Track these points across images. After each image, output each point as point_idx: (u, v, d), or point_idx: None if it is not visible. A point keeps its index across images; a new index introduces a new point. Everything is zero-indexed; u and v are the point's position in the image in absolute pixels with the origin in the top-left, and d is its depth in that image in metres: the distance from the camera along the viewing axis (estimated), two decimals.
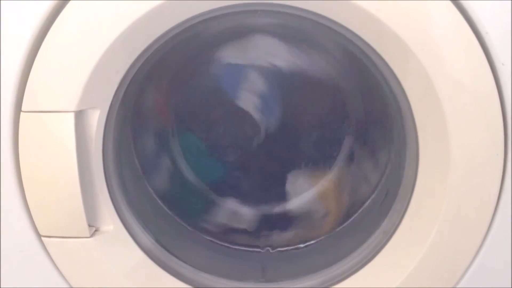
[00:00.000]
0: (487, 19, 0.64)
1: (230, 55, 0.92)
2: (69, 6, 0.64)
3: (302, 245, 0.90)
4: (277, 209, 0.96)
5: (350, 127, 0.95)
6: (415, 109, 0.67)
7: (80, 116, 0.66)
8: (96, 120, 0.68)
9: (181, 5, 0.64)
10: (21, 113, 0.66)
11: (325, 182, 0.95)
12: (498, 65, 0.65)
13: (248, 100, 0.93)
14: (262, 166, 0.97)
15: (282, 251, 0.91)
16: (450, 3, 0.63)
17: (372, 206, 0.88)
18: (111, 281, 0.72)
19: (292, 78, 0.92)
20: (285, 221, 0.96)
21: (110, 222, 0.72)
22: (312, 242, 0.90)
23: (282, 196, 0.97)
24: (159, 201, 0.91)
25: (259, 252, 0.91)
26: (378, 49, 0.66)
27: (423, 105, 0.66)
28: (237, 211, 0.96)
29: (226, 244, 0.91)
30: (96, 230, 0.72)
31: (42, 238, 0.71)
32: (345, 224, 0.90)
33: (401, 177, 0.76)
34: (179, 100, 0.94)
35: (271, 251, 0.90)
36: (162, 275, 0.75)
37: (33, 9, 0.65)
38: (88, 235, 0.70)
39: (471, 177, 0.67)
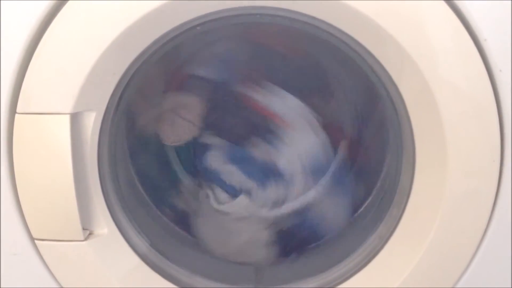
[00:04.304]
0: (486, 26, 0.64)
1: (228, 57, 0.91)
2: (65, 8, 0.63)
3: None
4: (272, 213, 0.96)
5: (346, 131, 0.96)
6: (412, 114, 0.67)
7: (75, 118, 0.65)
8: (92, 122, 0.67)
9: (179, 8, 0.64)
10: (16, 114, 0.65)
11: (320, 186, 0.95)
12: (495, 71, 0.65)
13: (246, 103, 0.93)
14: (257, 170, 0.96)
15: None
16: (449, 9, 0.63)
17: (368, 211, 0.88)
18: (105, 285, 0.72)
19: (289, 82, 0.92)
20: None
21: (105, 225, 0.72)
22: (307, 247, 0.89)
23: (278, 201, 0.97)
24: (153, 206, 0.91)
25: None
26: (376, 54, 0.66)
27: (420, 111, 0.67)
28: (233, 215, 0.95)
29: None
30: (90, 234, 0.71)
31: (35, 241, 0.70)
32: (341, 228, 0.90)
33: (397, 182, 0.76)
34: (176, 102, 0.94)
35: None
36: (157, 279, 0.75)
37: (29, 10, 0.64)
38: (82, 239, 0.69)
39: (468, 182, 0.67)
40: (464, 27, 0.63)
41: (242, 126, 0.94)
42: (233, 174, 0.93)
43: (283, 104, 0.91)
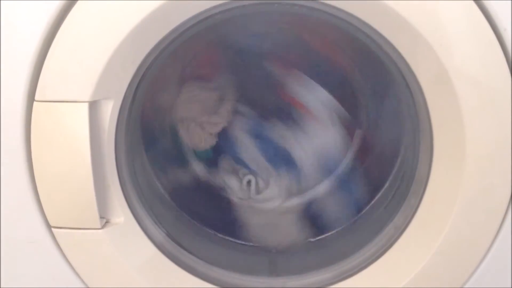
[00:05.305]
0: (506, 16, 0.63)
1: (244, 46, 0.91)
2: None
3: (312, 239, 0.90)
4: (288, 203, 0.96)
5: (363, 121, 0.96)
6: (431, 105, 0.67)
7: (93, 106, 0.65)
8: (110, 111, 0.67)
9: None
10: (34, 102, 0.65)
11: (336, 176, 0.95)
12: None
13: (259, 92, 0.93)
14: (272, 160, 0.97)
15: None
16: None
17: (383, 201, 0.87)
18: (121, 273, 0.72)
19: (305, 72, 0.92)
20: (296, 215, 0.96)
21: (121, 214, 0.72)
22: (321, 236, 0.89)
23: (293, 191, 0.97)
24: (168, 197, 0.91)
25: (267, 247, 0.90)
26: (396, 44, 0.66)
27: (439, 100, 0.66)
28: (248, 206, 0.96)
29: (235, 240, 0.91)
30: (106, 222, 0.71)
31: (53, 229, 0.70)
32: (356, 218, 0.90)
33: (414, 171, 0.76)
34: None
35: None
36: (174, 268, 0.75)
37: None
38: (99, 227, 0.69)
39: (485, 175, 0.67)
40: (484, 17, 0.63)
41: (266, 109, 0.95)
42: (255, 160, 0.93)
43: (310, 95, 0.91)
